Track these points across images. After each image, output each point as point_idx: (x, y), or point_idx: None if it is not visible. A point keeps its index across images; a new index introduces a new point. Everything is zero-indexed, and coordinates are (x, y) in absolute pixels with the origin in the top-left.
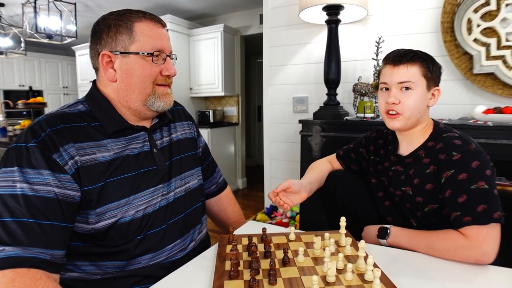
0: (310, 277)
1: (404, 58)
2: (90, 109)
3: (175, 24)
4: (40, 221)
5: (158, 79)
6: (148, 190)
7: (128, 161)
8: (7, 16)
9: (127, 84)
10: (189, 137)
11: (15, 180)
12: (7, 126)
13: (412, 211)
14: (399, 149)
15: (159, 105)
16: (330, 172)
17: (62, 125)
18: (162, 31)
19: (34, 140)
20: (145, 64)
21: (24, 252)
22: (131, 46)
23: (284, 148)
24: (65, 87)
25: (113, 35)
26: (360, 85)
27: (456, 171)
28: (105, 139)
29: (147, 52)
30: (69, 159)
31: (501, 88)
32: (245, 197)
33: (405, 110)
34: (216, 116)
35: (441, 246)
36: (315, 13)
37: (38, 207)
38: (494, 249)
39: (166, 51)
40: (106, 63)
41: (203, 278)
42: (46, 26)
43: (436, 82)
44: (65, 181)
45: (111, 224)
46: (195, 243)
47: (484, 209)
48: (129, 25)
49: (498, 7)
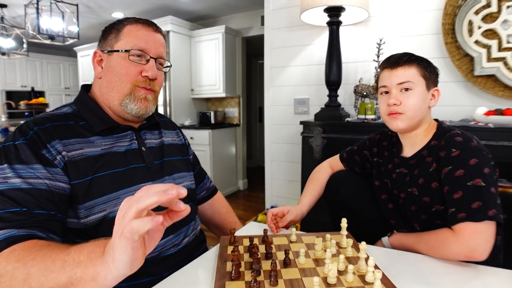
0: (311, 278)
1: (401, 60)
2: (78, 110)
3: (177, 25)
4: (35, 211)
5: (138, 80)
6: (137, 186)
7: (117, 158)
8: (9, 17)
9: (107, 81)
10: (179, 143)
11: (8, 177)
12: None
13: (417, 214)
14: (403, 151)
15: (133, 108)
16: (333, 173)
17: (49, 124)
18: (150, 34)
19: (22, 138)
20: (123, 62)
21: (20, 231)
22: (115, 44)
23: (285, 150)
24: (67, 88)
25: (106, 36)
26: (361, 86)
27: (454, 167)
28: (92, 136)
29: (125, 49)
30: (57, 154)
31: (502, 89)
32: (246, 198)
33: (407, 110)
34: (217, 117)
35: (433, 242)
36: (316, 15)
37: (33, 199)
38: (483, 245)
39: (151, 53)
40: (97, 62)
41: (205, 279)
42: (48, 27)
43: (435, 82)
44: (56, 174)
45: (100, 218)
46: (189, 239)
47: (479, 206)
48: (120, 27)
49: (499, 9)
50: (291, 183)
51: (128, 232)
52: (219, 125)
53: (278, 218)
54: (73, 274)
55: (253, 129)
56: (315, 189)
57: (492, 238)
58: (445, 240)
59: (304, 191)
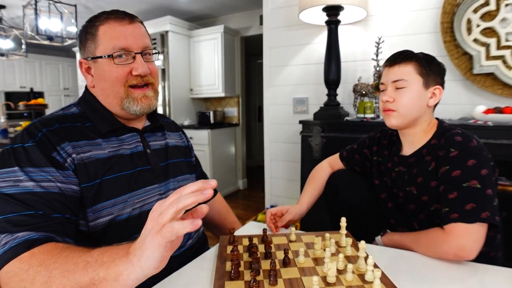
0: (311, 277)
1: (398, 58)
2: (84, 111)
3: (175, 25)
4: (51, 215)
5: (130, 80)
6: (144, 189)
7: (124, 160)
8: (8, 18)
9: (101, 89)
10: (183, 145)
11: (20, 180)
12: (8, 128)
13: (415, 213)
14: (402, 150)
15: (135, 110)
16: (333, 172)
17: (57, 125)
18: (127, 28)
19: (31, 140)
20: (110, 67)
21: (39, 234)
22: (96, 50)
23: (285, 149)
24: (66, 88)
25: (84, 42)
26: (360, 85)
27: (451, 167)
28: (98, 138)
29: (107, 54)
30: (67, 156)
31: (501, 88)
32: (246, 198)
33: (400, 108)
34: (217, 117)
35: (423, 241)
36: (315, 14)
37: (47, 203)
38: (470, 245)
39: (133, 49)
40: (86, 70)
41: (204, 278)
42: (47, 28)
43: (436, 81)
44: (68, 177)
45: (108, 221)
46: (192, 241)
47: (473, 208)
48: (94, 31)
49: (498, 7)
50: (290, 182)
51: (168, 232)
52: (219, 125)
53: (277, 217)
54: (95, 275)
55: (252, 129)
56: (315, 188)
57: (482, 239)
58: (435, 239)
59: (304, 190)
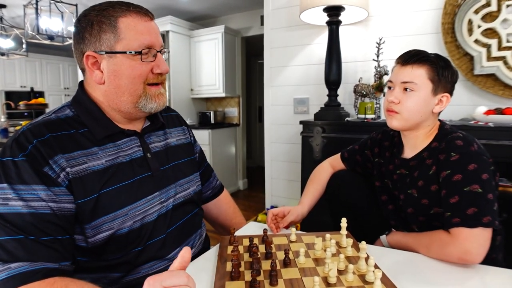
0: (311, 278)
1: (412, 58)
2: (77, 114)
3: (176, 25)
4: (41, 238)
5: (149, 78)
6: (145, 199)
7: (122, 169)
8: (8, 18)
9: (115, 86)
10: (185, 142)
11: (9, 198)
12: (9, 127)
13: (415, 216)
14: (404, 152)
15: (152, 107)
16: (334, 172)
17: (48, 135)
18: (151, 25)
19: (21, 154)
20: (134, 63)
21: (32, 265)
22: (117, 45)
23: (285, 149)
24: (67, 88)
25: (97, 33)
26: (361, 86)
27: (452, 171)
28: (94, 146)
29: (134, 50)
30: (60, 171)
31: (502, 89)
32: (246, 198)
33: (403, 111)
34: (217, 117)
35: (429, 242)
36: (316, 14)
37: (37, 225)
38: (477, 249)
39: (156, 47)
40: (92, 64)
41: (204, 279)
42: (48, 27)
43: (446, 88)
44: (60, 194)
45: (108, 236)
46: (195, 249)
47: (474, 212)
48: (113, 21)
49: (499, 8)
50: (291, 182)
51: None
52: (219, 125)
53: (279, 218)
54: None
55: (253, 129)
56: (316, 188)
57: (487, 243)
58: (441, 242)
59: (305, 190)
